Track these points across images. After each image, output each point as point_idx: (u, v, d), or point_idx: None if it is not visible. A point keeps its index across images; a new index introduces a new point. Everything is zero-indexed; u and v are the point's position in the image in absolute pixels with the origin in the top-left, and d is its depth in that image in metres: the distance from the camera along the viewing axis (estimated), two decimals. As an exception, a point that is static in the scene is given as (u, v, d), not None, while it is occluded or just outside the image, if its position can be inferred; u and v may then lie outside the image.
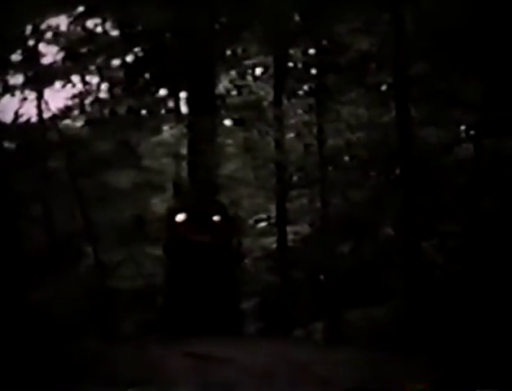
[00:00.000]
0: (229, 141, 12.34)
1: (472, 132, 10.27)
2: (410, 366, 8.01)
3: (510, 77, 9.45)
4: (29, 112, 12.32)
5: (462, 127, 10.49)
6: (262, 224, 12.72)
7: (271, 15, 10.66)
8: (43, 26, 11.90)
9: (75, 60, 12.03)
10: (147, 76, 12.25)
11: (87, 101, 12.58)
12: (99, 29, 12.27)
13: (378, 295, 10.70)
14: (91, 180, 12.27)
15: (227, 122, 12.78)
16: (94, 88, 12.51)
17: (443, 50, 9.63)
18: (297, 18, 11.16)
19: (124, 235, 12.54)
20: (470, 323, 9.17)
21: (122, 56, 12.26)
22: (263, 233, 12.41)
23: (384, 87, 11.07)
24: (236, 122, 12.72)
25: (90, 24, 12.16)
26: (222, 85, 12.20)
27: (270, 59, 11.85)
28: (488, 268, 9.35)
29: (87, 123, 12.70)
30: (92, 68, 12.27)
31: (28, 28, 11.90)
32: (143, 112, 12.72)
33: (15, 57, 11.92)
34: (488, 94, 9.71)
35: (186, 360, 8.26)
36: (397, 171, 10.36)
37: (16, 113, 12.17)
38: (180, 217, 9.80)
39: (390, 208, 10.27)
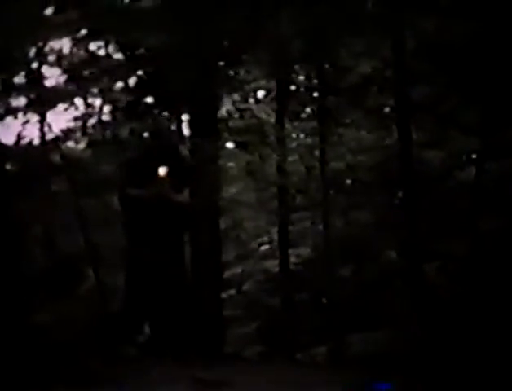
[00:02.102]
0: (231, 164, 12.37)
1: (474, 155, 10.29)
2: (410, 388, 7.96)
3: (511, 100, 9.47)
4: (32, 134, 12.38)
5: (464, 150, 10.50)
6: (265, 247, 12.70)
7: (273, 38, 10.71)
8: (46, 48, 11.96)
9: (78, 83, 12.08)
10: (149, 98, 12.29)
11: (90, 123, 12.62)
12: (101, 52, 12.34)
13: (381, 318, 10.65)
14: (93, 202, 12.28)
15: (230, 145, 12.81)
16: (96, 110, 12.55)
17: (445, 74, 9.66)
18: (299, 41, 11.21)
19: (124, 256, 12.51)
20: (473, 346, 9.11)
21: (125, 79, 12.31)
22: (265, 256, 12.39)
23: (386, 110, 11.10)
24: (238, 145, 12.75)
25: (93, 46, 12.22)
26: (225, 108, 12.25)
27: (272, 83, 11.90)
28: (491, 291, 9.31)
29: (90, 145, 12.73)
30: (95, 90, 12.31)
31: (32, 51, 11.97)
32: (146, 134, 12.76)
33: (18, 79, 11.98)
34: (490, 117, 9.73)
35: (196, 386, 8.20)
36: (399, 194, 10.36)
37: (19, 135, 12.20)
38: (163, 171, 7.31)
39: (392, 231, 10.25)
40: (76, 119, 12.51)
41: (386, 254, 10.95)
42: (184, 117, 12.46)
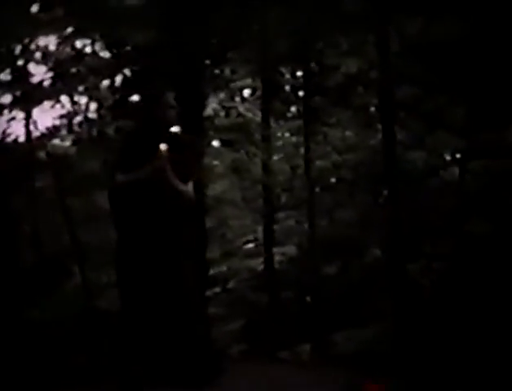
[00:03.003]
0: (217, 162, 12.38)
1: (458, 155, 10.35)
2: (395, 387, 8.01)
3: (495, 101, 9.53)
4: (17, 131, 12.35)
5: (448, 150, 10.56)
6: (250, 245, 12.72)
7: (259, 36, 10.74)
8: (32, 46, 11.94)
9: (64, 80, 12.06)
10: (135, 97, 12.30)
11: (76, 121, 12.61)
12: (88, 50, 12.33)
13: (365, 316, 10.69)
14: (79, 200, 12.26)
15: (215, 143, 12.82)
16: (82, 108, 12.54)
17: (430, 74, 9.71)
18: (285, 40, 11.24)
19: (112, 256, 12.51)
20: (456, 345, 9.18)
21: (111, 77, 12.30)
22: (250, 254, 12.41)
23: (371, 109, 11.15)
24: (223, 143, 12.77)
25: (79, 44, 12.21)
26: (211, 106, 12.26)
27: (258, 81, 11.92)
28: (475, 290, 9.38)
29: (75, 143, 12.71)
30: (81, 88, 12.30)
31: (18, 48, 11.94)
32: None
33: (4, 76, 11.94)
34: (474, 118, 9.79)
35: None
36: (384, 193, 10.41)
37: (4, 132, 12.17)
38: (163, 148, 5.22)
39: (376, 229, 10.30)
40: (62, 116, 12.49)
41: (370, 253, 11.00)
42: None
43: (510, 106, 9.49)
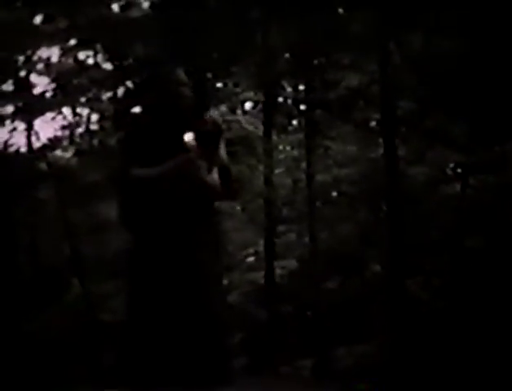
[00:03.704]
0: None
1: (459, 170, 10.33)
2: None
3: (495, 116, 9.52)
4: (19, 141, 12.37)
5: (449, 165, 10.54)
6: (251, 258, 12.68)
7: (262, 50, 10.75)
8: (35, 57, 11.97)
9: (66, 92, 12.09)
10: (137, 108, 12.30)
11: (77, 132, 12.63)
12: (90, 61, 12.36)
13: (365, 331, 10.65)
14: (80, 211, 12.26)
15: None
16: (84, 119, 12.56)
17: (431, 89, 9.70)
18: (287, 54, 11.26)
19: (112, 267, 12.50)
20: (454, 360, 9.14)
21: (113, 88, 12.32)
22: (251, 267, 12.37)
23: (372, 124, 11.14)
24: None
25: (81, 56, 12.24)
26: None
27: (260, 95, 11.92)
28: (473, 306, 9.34)
29: (77, 154, 12.73)
30: (83, 99, 12.32)
31: (20, 59, 11.97)
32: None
33: (6, 87, 11.97)
34: (475, 133, 9.78)
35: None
36: (384, 208, 10.38)
37: (6, 143, 12.19)
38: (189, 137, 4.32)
39: (377, 244, 10.26)
40: (63, 128, 12.51)
41: (370, 267, 10.97)
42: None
43: (511, 120, 9.47)
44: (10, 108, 12.07)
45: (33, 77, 12.15)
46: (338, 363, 10.73)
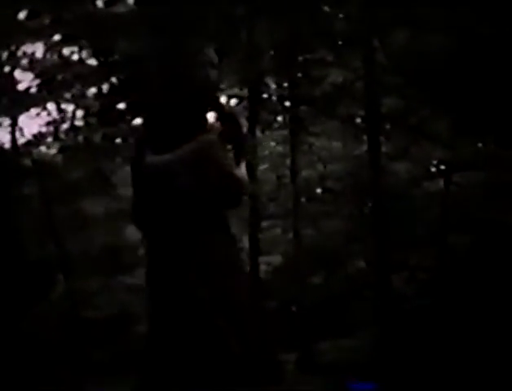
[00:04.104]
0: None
1: (442, 167, 10.41)
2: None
3: (479, 113, 9.61)
4: (3, 138, 12.32)
5: (433, 161, 10.62)
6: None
7: (246, 46, 10.78)
8: (19, 53, 11.93)
9: (50, 88, 12.05)
10: (122, 105, 12.30)
11: (62, 128, 12.59)
12: (75, 57, 12.32)
13: (349, 326, 10.72)
14: (65, 207, 12.24)
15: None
16: (69, 115, 12.53)
17: (415, 85, 9.77)
18: (272, 50, 11.29)
19: (97, 264, 12.50)
20: (439, 355, 9.23)
21: (98, 84, 12.30)
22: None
23: (357, 120, 11.20)
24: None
25: (66, 51, 12.20)
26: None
27: (244, 91, 11.94)
28: (457, 301, 9.43)
29: (61, 150, 12.69)
30: (68, 95, 12.29)
31: (4, 55, 11.92)
32: (118, 140, 12.76)
33: (-10, 83, 11.93)
34: (458, 129, 9.86)
35: None
36: (369, 204, 10.45)
37: (-10, 140, 12.14)
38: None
39: (361, 240, 10.33)
40: (48, 124, 12.47)
41: (354, 263, 11.04)
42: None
43: (494, 118, 9.57)
44: (-6, 104, 12.03)
45: (18, 73, 12.11)
46: (322, 357, 10.80)
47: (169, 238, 3.62)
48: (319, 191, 11.70)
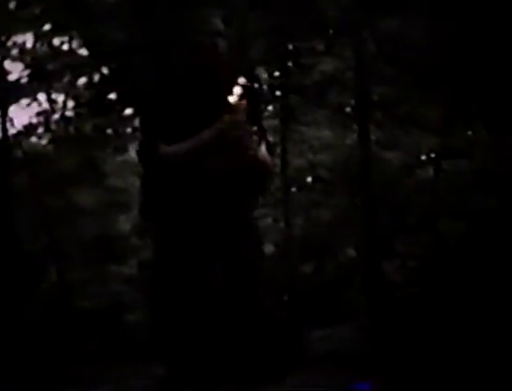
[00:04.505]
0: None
1: (432, 155, 10.43)
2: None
3: (469, 101, 9.63)
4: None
5: (423, 150, 10.64)
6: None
7: (236, 35, 10.76)
8: (9, 43, 11.89)
9: (41, 78, 12.02)
10: (113, 95, 12.27)
11: (53, 119, 12.56)
12: (65, 47, 12.29)
13: (341, 315, 10.75)
14: (56, 198, 12.23)
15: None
16: (59, 106, 12.50)
17: (405, 74, 9.78)
18: (262, 40, 11.27)
19: (89, 254, 12.51)
20: (430, 343, 9.27)
21: (89, 75, 12.27)
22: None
23: (348, 109, 11.20)
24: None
25: (56, 41, 12.17)
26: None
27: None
28: (448, 288, 9.47)
29: (52, 141, 12.67)
30: (58, 85, 12.26)
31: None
32: (109, 130, 12.73)
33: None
34: (449, 118, 9.88)
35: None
36: (359, 192, 10.46)
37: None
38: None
39: (352, 229, 10.35)
40: (39, 114, 12.44)
41: (345, 252, 11.06)
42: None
43: (485, 106, 9.59)
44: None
45: (8, 63, 12.07)
46: (314, 346, 10.83)
47: (193, 230, 3.20)
48: (309, 180, 11.71)
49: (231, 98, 3.24)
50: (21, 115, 12.53)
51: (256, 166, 3.23)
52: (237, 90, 3.30)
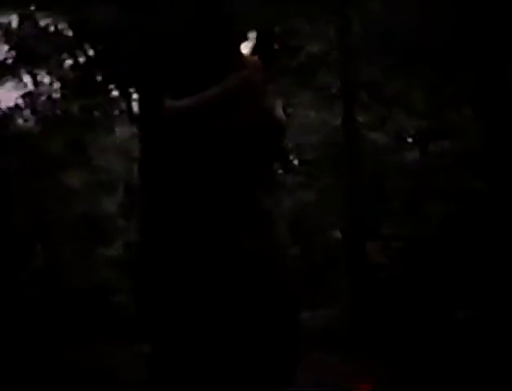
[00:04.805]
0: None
1: (418, 136, 10.45)
2: (356, 365, 8.15)
3: (453, 83, 9.63)
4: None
5: (409, 131, 10.66)
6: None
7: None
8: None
9: (27, 59, 11.95)
10: (99, 76, 12.22)
11: (39, 100, 12.52)
12: (51, 28, 12.21)
13: (326, 295, 10.80)
14: (43, 179, 12.22)
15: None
16: (46, 88, 12.45)
17: (390, 56, 9.77)
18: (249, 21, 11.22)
19: (75, 235, 12.52)
20: (412, 322, 9.33)
21: (75, 56, 12.20)
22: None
23: (333, 91, 11.19)
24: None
25: (42, 22, 12.08)
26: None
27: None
28: (431, 268, 9.52)
29: (39, 122, 12.63)
30: (44, 67, 12.20)
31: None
32: (96, 112, 12.70)
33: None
34: (434, 99, 9.88)
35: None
36: (345, 174, 10.48)
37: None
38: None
39: (337, 210, 10.38)
40: (25, 96, 12.39)
41: (330, 234, 11.09)
42: (134, 95, 12.41)
43: (469, 88, 9.59)
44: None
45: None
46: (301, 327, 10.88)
47: (199, 195, 2.74)
48: (296, 162, 11.73)
49: (244, 53, 2.87)
50: (7, 97, 12.50)
51: (274, 123, 2.84)
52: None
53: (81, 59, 12.30)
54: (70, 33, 12.29)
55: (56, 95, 12.57)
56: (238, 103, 2.76)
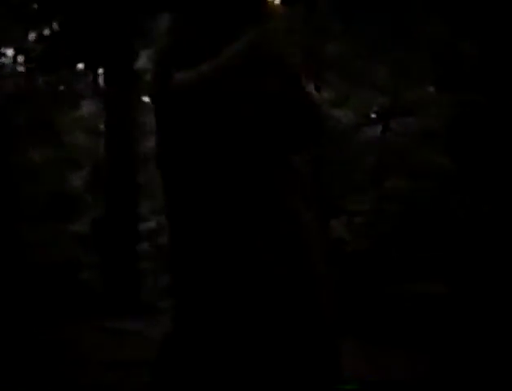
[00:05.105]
0: (148, 119, 12.29)
1: (381, 113, 10.48)
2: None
3: (417, 59, 9.67)
4: None
5: (372, 108, 10.69)
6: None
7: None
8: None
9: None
10: (64, 50, 12.10)
11: (2, 74, 12.38)
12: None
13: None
14: (9, 155, 12.12)
15: (147, 99, 12.73)
16: (9, 61, 12.32)
17: (355, 32, 9.77)
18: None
19: (42, 212, 12.45)
20: (375, 296, 9.42)
21: (39, 29, 12.08)
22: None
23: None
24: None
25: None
26: (142, 61, 12.14)
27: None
28: (394, 243, 9.61)
29: (3, 97, 12.49)
30: (8, 39, 12.07)
31: None
32: (61, 87, 12.60)
33: None
34: (397, 76, 9.92)
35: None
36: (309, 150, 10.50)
37: None
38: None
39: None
40: (-11, 70, 12.26)
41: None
42: (100, 69, 12.33)
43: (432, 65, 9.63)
44: None
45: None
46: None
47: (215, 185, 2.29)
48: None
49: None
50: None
51: (303, 100, 2.22)
52: None
53: (47, 32, 12.19)
54: (35, 5, 12.17)
55: (21, 69, 12.46)
56: (255, 68, 2.15)
